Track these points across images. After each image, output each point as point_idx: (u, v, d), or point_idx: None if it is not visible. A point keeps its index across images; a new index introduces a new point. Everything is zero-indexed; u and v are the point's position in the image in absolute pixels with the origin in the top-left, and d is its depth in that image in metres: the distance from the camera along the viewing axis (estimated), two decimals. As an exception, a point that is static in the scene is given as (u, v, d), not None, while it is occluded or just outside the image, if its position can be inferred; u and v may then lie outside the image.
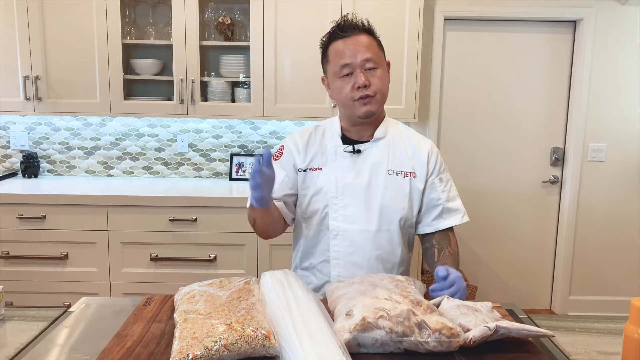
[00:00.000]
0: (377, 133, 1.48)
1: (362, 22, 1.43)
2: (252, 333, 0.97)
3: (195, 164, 3.24)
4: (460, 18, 3.16)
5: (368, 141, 1.48)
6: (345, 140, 1.49)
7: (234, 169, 3.19)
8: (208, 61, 3.04)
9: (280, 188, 1.47)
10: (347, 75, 1.39)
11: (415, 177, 1.47)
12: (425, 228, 1.51)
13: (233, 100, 3.00)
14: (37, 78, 2.81)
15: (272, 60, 2.83)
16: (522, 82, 3.26)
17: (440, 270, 1.24)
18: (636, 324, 0.93)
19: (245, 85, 2.98)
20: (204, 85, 2.96)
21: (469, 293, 2.97)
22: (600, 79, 3.20)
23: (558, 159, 3.33)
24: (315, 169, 1.48)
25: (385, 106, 1.52)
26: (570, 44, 3.24)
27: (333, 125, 1.52)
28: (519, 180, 3.36)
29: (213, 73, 3.01)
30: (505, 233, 3.41)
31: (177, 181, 3.16)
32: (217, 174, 3.26)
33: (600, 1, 3.12)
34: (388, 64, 1.48)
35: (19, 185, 2.91)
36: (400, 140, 1.50)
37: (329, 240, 1.46)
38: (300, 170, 1.49)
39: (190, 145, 3.22)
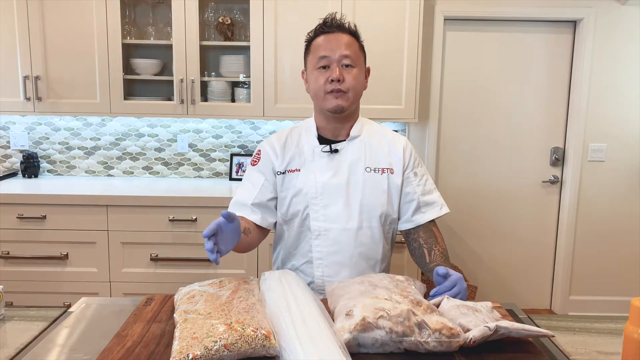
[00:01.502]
0: (353, 131, 1.50)
1: (349, 24, 1.47)
2: (252, 333, 0.97)
3: (195, 164, 3.24)
4: (460, 18, 3.16)
5: (344, 140, 1.49)
6: (322, 140, 1.50)
7: (234, 169, 3.19)
8: (208, 61, 3.04)
9: (260, 193, 1.48)
10: (323, 67, 1.43)
11: (392, 173, 1.49)
12: (406, 224, 1.52)
13: (233, 100, 3.00)
14: (37, 78, 2.81)
15: (272, 60, 2.83)
16: (522, 82, 3.26)
17: (440, 269, 1.24)
18: (636, 324, 0.93)
19: (245, 85, 2.98)
20: (204, 85, 2.96)
21: (469, 293, 2.97)
22: (600, 79, 3.20)
23: (558, 159, 3.33)
24: (294, 170, 1.49)
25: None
26: (570, 44, 3.24)
27: (309, 126, 1.53)
28: (519, 180, 3.36)
29: (213, 73, 3.01)
30: (505, 233, 3.41)
31: (177, 181, 3.16)
32: (217, 174, 3.26)
33: (600, 1, 3.12)
34: (368, 70, 1.51)
35: (19, 185, 2.91)
36: (375, 138, 1.52)
37: (311, 240, 1.46)
38: (278, 173, 1.50)
39: (190, 145, 3.22)
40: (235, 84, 3.01)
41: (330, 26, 1.45)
